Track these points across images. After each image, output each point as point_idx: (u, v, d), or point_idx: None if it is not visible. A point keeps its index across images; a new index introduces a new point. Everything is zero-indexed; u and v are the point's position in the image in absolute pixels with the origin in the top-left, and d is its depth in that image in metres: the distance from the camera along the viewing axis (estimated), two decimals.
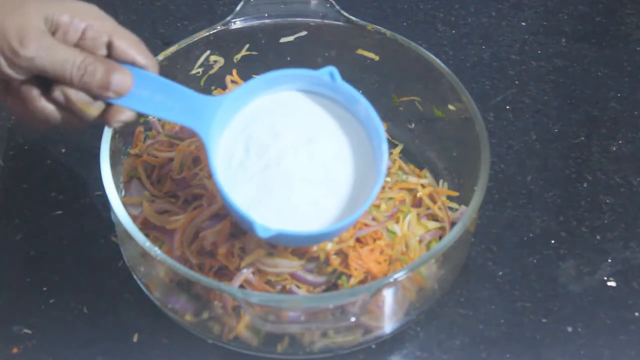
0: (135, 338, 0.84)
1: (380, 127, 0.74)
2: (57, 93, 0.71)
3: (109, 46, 0.72)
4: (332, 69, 0.75)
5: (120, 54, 0.72)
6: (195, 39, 0.92)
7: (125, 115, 0.73)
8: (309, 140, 0.75)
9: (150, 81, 0.73)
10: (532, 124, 1.03)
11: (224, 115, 0.75)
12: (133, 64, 0.73)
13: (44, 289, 0.87)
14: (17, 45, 0.68)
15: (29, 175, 0.96)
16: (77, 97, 0.71)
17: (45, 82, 0.71)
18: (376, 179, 0.73)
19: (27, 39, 0.68)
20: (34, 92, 0.71)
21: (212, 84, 0.96)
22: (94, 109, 0.72)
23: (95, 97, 0.71)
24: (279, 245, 0.79)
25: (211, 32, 0.93)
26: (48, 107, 0.72)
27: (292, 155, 0.74)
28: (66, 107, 0.71)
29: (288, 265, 0.79)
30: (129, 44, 0.73)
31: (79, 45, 0.71)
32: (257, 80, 0.75)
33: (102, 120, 0.73)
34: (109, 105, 0.73)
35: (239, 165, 0.74)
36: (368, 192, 0.73)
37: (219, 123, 0.74)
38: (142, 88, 0.73)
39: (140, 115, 0.75)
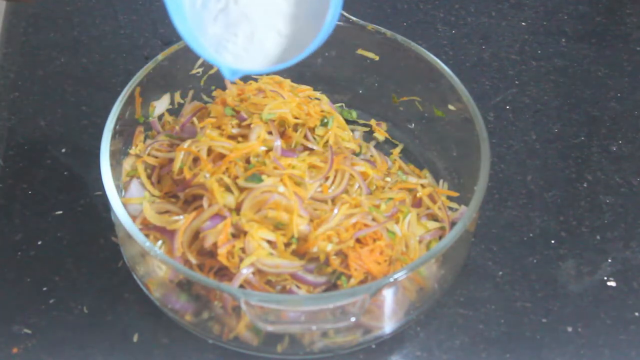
0: (135, 338, 0.84)
1: None
2: None
3: None
4: None
5: None
6: None
7: None
8: None
9: None
10: (532, 124, 1.03)
11: None
12: None
13: (44, 289, 0.87)
14: None
15: (29, 175, 0.96)
16: None
17: None
18: None
19: None
20: None
21: (212, 83, 0.96)
22: None
23: None
24: (278, 245, 0.79)
25: None
26: None
27: None
28: None
29: (288, 265, 0.79)
30: None
31: None
32: None
33: None
34: None
35: (202, 6, 0.76)
36: (330, 10, 0.74)
37: None
38: None
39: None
